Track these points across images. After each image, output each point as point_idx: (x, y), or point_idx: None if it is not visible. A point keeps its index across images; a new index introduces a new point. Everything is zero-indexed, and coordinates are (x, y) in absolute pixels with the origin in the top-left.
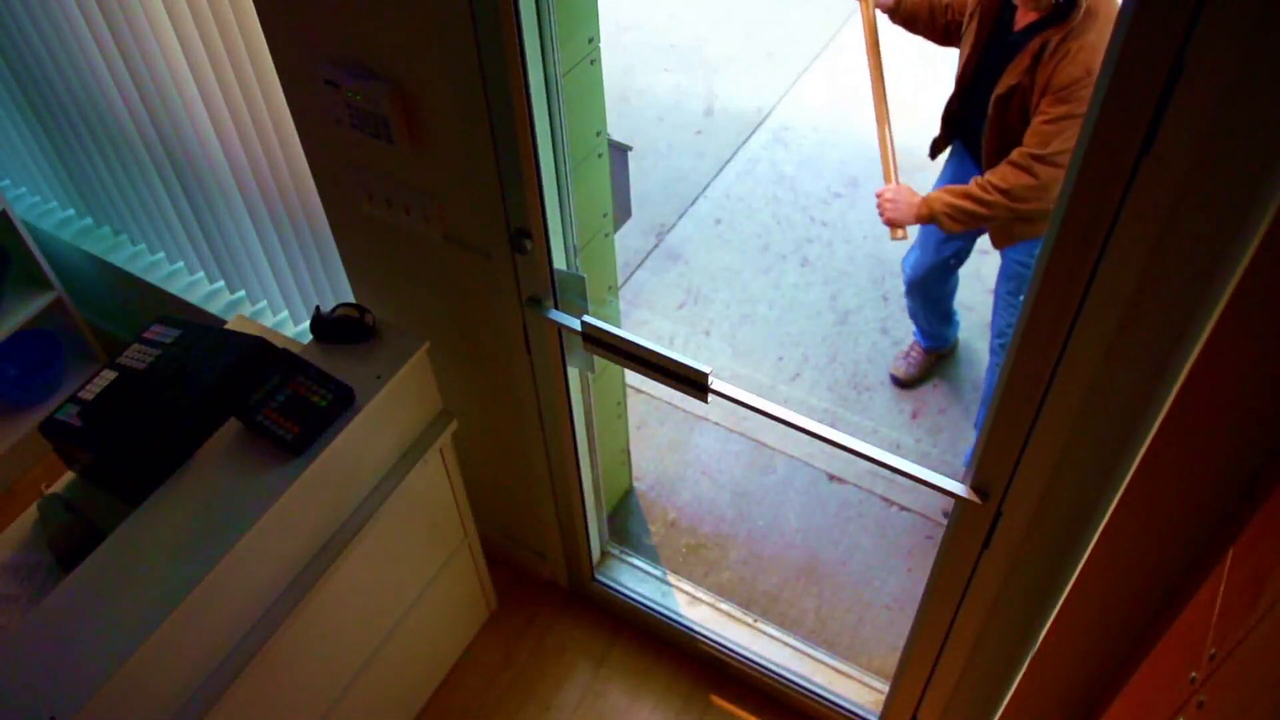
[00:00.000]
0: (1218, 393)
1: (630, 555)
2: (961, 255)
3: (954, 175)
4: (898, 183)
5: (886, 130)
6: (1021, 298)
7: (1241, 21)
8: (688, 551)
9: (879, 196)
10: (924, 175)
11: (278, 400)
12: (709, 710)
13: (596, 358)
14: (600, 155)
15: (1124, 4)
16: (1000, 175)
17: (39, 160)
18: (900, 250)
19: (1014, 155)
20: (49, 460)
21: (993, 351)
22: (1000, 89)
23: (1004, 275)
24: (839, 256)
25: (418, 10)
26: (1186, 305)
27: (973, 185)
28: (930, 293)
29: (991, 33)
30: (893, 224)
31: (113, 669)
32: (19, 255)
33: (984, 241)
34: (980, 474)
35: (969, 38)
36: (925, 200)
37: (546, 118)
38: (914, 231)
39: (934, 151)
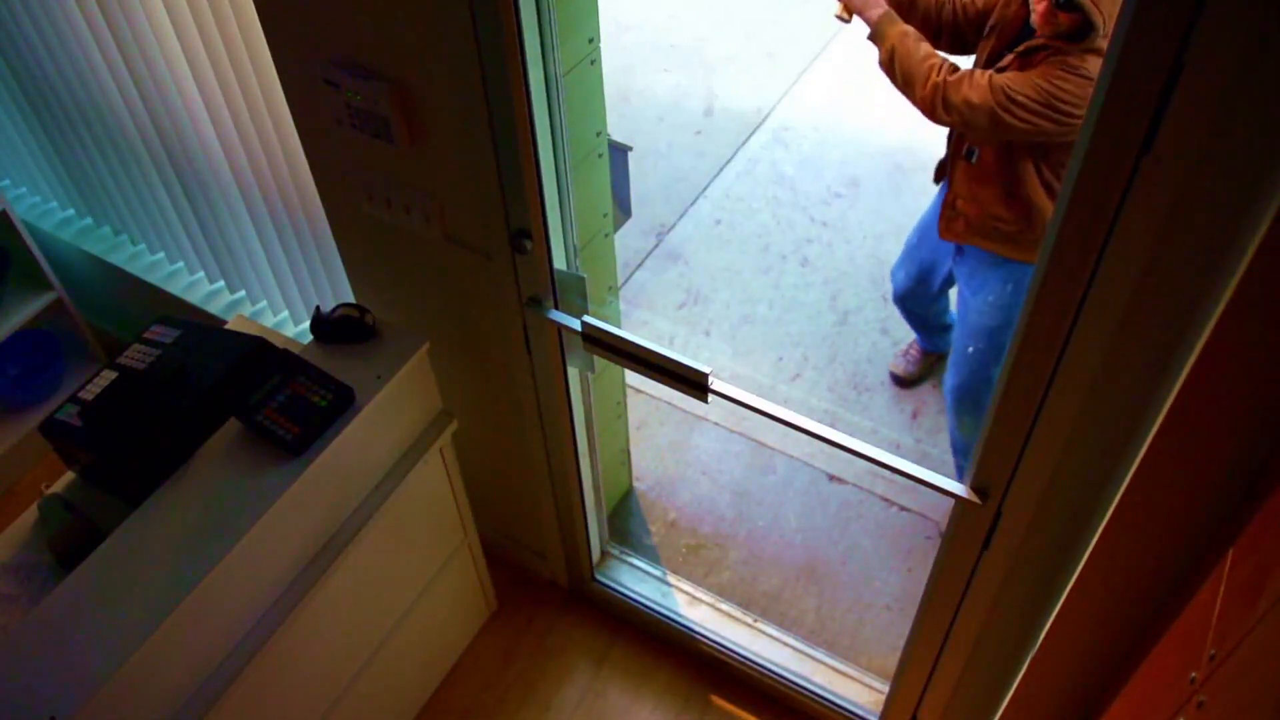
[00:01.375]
0: (1218, 392)
1: (630, 555)
2: (947, 283)
3: (936, 215)
4: None
5: None
6: (972, 349)
7: (1241, 21)
8: (688, 552)
9: None
10: (920, 178)
11: (278, 400)
12: (709, 710)
13: (596, 358)
14: (600, 155)
15: (1124, 4)
16: (959, 74)
17: (39, 160)
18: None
19: (977, 70)
20: (49, 460)
21: (950, 411)
22: (993, 67)
23: (963, 325)
24: (839, 256)
25: (418, 10)
26: (1186, 305)
27: (936, 58)
28: (915, 309)
29: (1008, 45)
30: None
31: (113, 669)
32: (19, 255)
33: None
34: (980, 474)
35: (984, 53)
36: (888, 15)
37: (546, 118)
38: (903, 234)
39: (939, 175)
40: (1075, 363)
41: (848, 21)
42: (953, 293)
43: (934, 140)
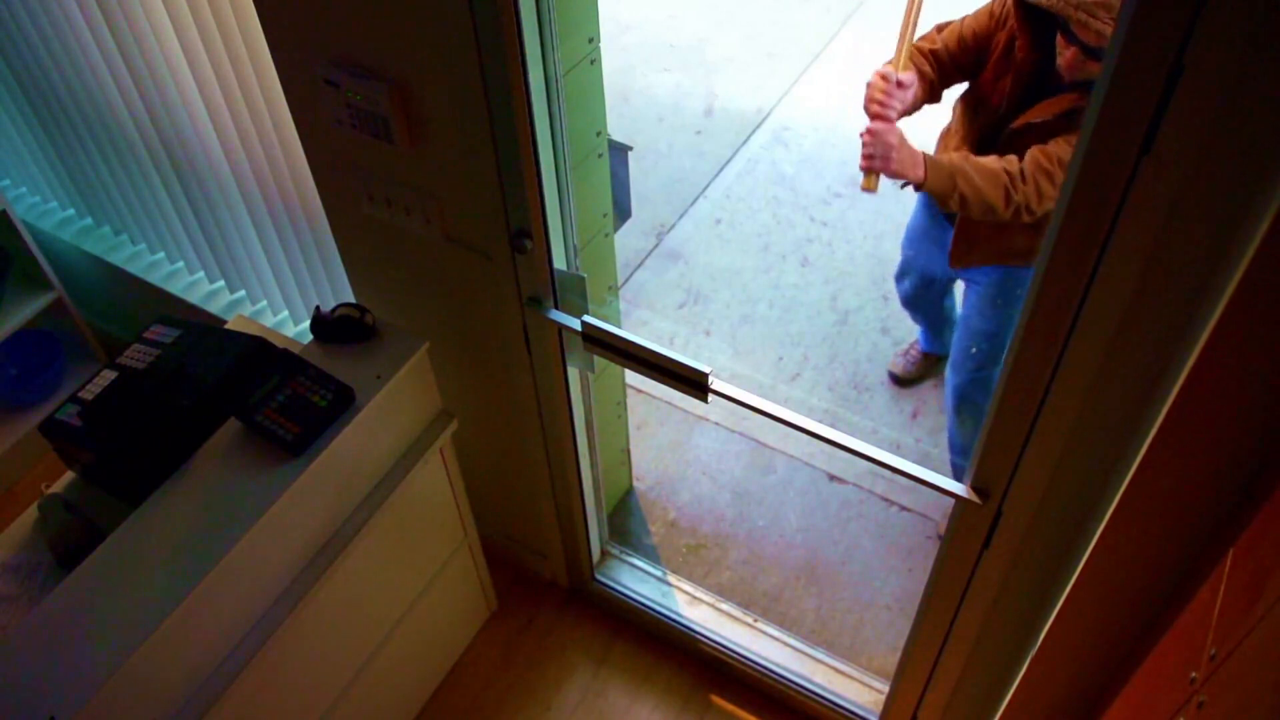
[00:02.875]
0: (1218, 393)
1: (630, 555)
2: (952, 280)
3: (923, 222)
4: (895, 82)
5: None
6: (975, 350)
7: (1241, 21)
8: (688, 551)
9: (867, 134)
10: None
11: (278, 400)
12: (709, 710)
13: (596, 358)
14: (600, 155)
15: (1124, 4)
16: (1028, 172)
17: (39, 160)
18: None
19: (1038, 156)
20: (49, 460)
21: (951, 411)
22: (1017, 124)
23: (965, 325)
24: (839, 256)
25: (418, 10)
26: (1186, 305)
27: (1001, 173)
28: (926, 309)
29: (1026, 86)
30: (870, 173)
31: (113, 669)
32: (19, 255)
33: None
34: (980, 474)
35: (992, 92)
36: (933, 165)
37: (546, 118)
38: (903, 234)
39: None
40: (1075, 363)
41: (874, 191)
42: (957, 289)
43: (934, 141)
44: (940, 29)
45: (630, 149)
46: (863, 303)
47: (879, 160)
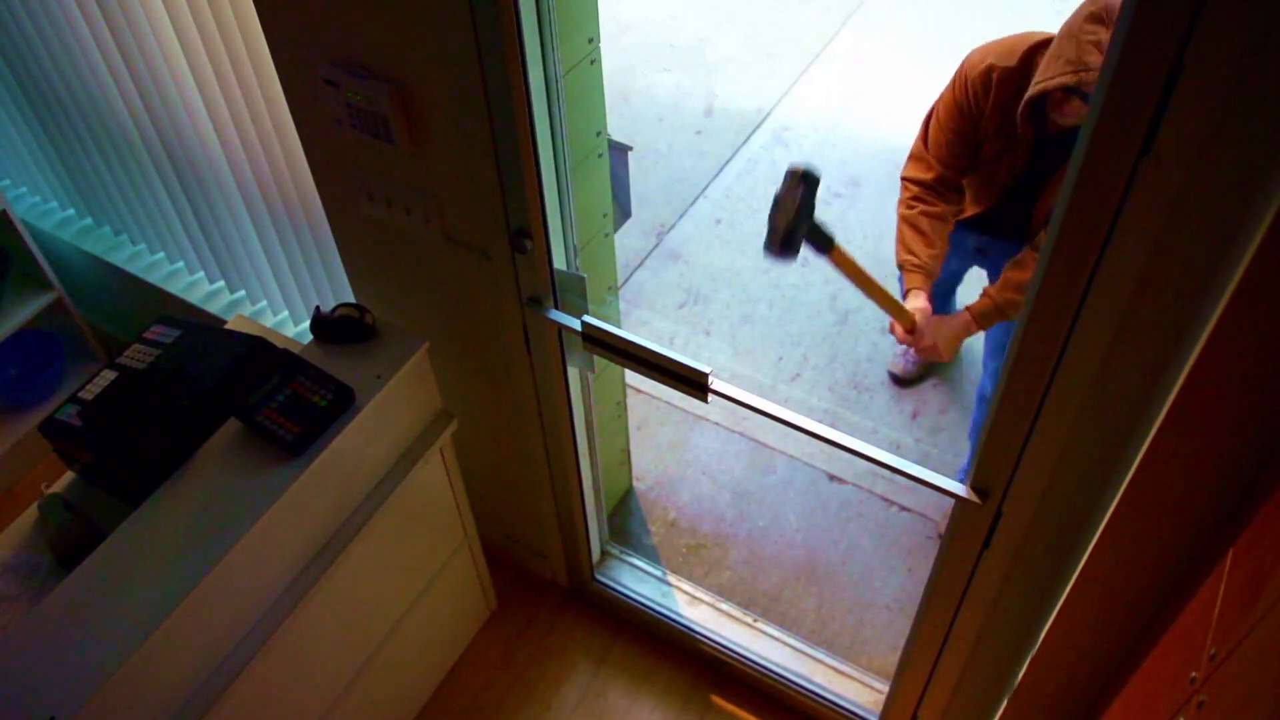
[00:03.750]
0: (1218, 393)
1: (630, 555)
2: (959, 277)
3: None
4: (920, 310)
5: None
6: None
7: (1241, 22)
8: (688, 551)
9: (919, 350)
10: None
11: (278, 400)
12: (709, 710)
13: (596, 358)
14: (600, 155)
15: (1124, 4)
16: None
17: (39, 160)
18: None
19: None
20: (49, 460)
21: (983, 386)
22: (1043, 208)
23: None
24: None
25: (418, 10)
26: (1186, 305)
27: (1030, 277)
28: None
29: (1035, 158)
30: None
31: (113, 669)
32: (19, 255)
33: None
34: (980, 474)
35: (994, 178)
36: (984, 315)
37: (546, 118)
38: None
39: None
40: (1075, 363)
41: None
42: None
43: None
44: (924, 137)
45: (630, 149)
46: (863, 303)
47: (925, 355)
